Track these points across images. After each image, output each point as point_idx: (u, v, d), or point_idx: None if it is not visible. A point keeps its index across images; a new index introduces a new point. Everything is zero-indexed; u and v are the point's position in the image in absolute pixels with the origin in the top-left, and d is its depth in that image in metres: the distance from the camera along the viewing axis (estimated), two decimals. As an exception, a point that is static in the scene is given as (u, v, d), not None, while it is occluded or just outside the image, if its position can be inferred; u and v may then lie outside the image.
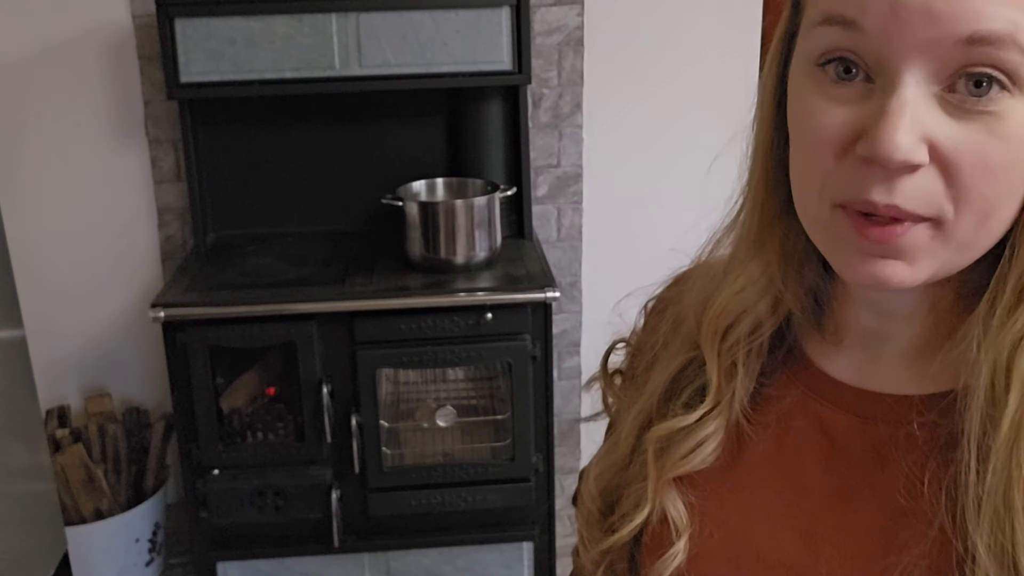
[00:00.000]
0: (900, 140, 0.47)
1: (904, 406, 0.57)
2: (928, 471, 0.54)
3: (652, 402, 0.67)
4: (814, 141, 0.52)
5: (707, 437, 0.63)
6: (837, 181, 0.51)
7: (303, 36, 1.94)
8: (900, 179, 0.48)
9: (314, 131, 2.22)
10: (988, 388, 0.51)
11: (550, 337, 1.94)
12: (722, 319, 0.63)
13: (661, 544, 0.64)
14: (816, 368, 0.63)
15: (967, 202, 0.48)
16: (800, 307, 0.62)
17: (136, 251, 2.29)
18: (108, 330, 2.33)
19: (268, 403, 2.06)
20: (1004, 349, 0.51)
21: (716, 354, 0.63)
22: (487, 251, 2.01)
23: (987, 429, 0.50)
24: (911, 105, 0.47)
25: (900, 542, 0.55)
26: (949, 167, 0.48)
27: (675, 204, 2.33)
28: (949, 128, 0.47)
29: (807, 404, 0.62)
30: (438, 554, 2.10)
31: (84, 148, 2.21)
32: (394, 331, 1.89)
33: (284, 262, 2.08)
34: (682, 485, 0.64)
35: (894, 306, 0.58)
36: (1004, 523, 0.49)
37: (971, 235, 0.50)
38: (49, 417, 2.23)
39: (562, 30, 2.24)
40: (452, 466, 2.02)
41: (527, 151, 2.19)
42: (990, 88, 0.46)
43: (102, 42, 2.15)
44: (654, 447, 0.65)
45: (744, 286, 0.62)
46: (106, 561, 2.17)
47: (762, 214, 0.61)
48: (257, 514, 1.97)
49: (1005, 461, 0.50)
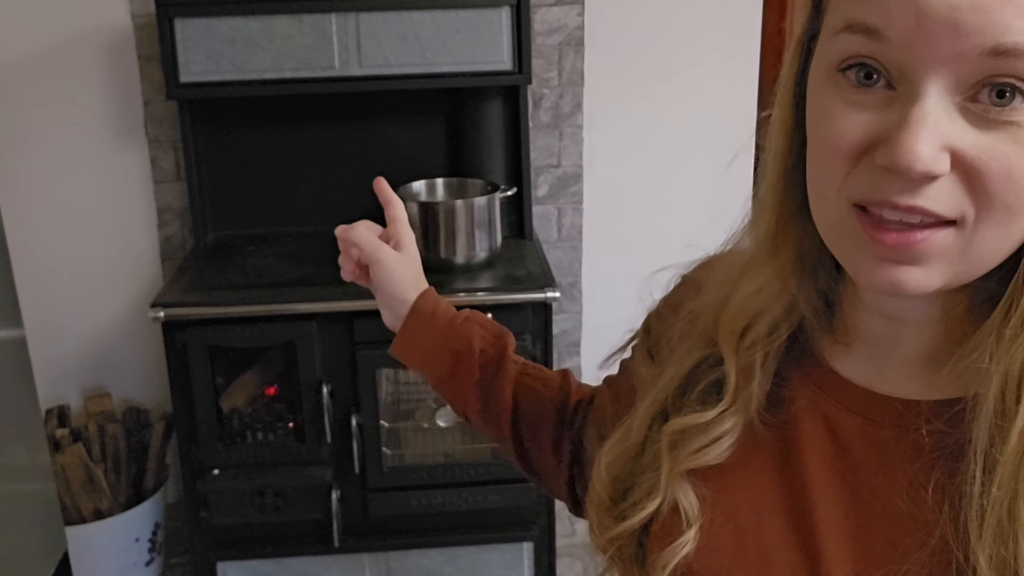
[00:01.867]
0: (921, 150, 0.47)
1: (912, 412, 0.57)
2: (932, 479, 0.54)
3: (667, 394, 0.67)
4: (833, 145, 0.51)
5: (724, 433, 0.64)
6: (855, 183, 0.51)
7: (303, 36, 1.94)
8: (921, 187, 0.48)
9: (314, 131, 2.22)
10: (998, 399, 0.50)
11: (550, 337, 1.94)
12: (739, 319, 0.64)
13: (671, 533, 0.64)
14: (827, 367, 0.63)
15: (990, 210, 0.48)
16: (812, 310, 0.62)
17: (136, 251, 2.29)
18: (108, 330, 2.33)
19: (268, 403, 2.06)
20: (1016, 361, 0.50)
21: (734, 353, 0.64)
22: (487, 251, 2.01)
23: (995, 440, 0.50)
24: (933, 115, 0.47)
25: (901, 547, 0.55)
26: (973, 175, 0.48)
27: (675, 204, 2.33)
28: (973, 137, 0.47)
29: (816, 403, 0.63)
30: (438, 554, 2.10)
31: (84, 148, 2.21)
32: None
33: (284, 262, 2.08)
34: (694, 477, 0.65)
35: (905, 312, 0.58)
36: (1008, 536, 0.49)
37: (990, 244, 0.50)
38: (49, 417, 2.23)
39: (562, 30, 2.24)
40: (452, 466, 2.01)
41: (527, 151, 2.19)
42: (1013, 98, 0.46)
43: (102, 42, 2.15)
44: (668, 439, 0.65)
45: (761, 287, 0.63)
46: (106, 561, 2.17)
47: (778, 216, 0.61)
48: (257, 514, 1.97)
49: (1012, 473, 0.49)
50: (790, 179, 0.59)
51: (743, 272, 0.64)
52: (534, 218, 2.26)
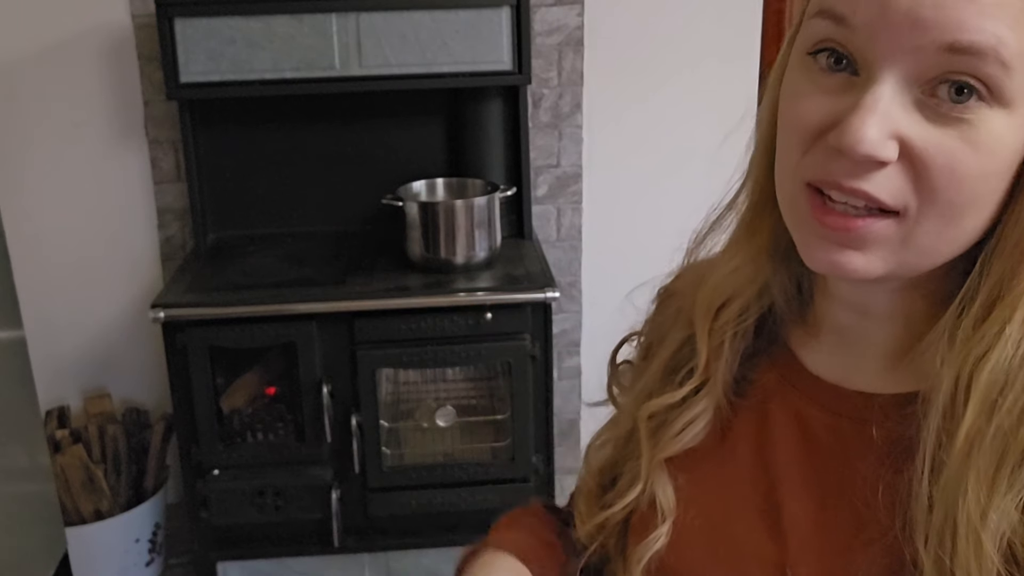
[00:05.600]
0: (867, 133, 0.48)
1: (869, 406, 0.58)
2: (883, 479, 0.55)
3: (653, 381, 0.68)
4: (794, 124, 0.53)
5: (697, 416, 0.65)
6: (810, 163, 0.52)
7: (303, 36, 1.94)
8: (867, 172, 0.49)
9: (314, 131, 2.22)
10: (947, 400, 0.51)
11: (550, 337, 1.94)
12: (715, 298, 0.65)
13: (647, 528, 0.65)
14: (795, 358, 0.64)
15: (932, 204, 0.49)
16: (784, 296, 0.64)
17: (136, 251, 2.29)
18: (108, 330, 2.33)
19: (268, 403, 2.06)
20: (967, 363, 0.51)
21: (707, 332, 0.65)
22: (487, 251, 2.01)
23: (942, 441, 0.51)
24: (884, 102, 0.48)
25: (863, 539, 0.55)
26: (918, 167, 0.49)
27: (675, 203, 2.33)
28: (923, 130, 0.48)
29: (785, 394, 0.63)
30: (438, 554, 2.10)
31: (84, 148, 2.21)
32: (394, 331, 1.89)
33: (284, 262, 2.08)
34: (672, 467, 0.65)
35: (868, 304, 0.59)
36: (946, 539, 0.49)
37: (932, 238, 0.51)
38: (49, 418, 2.23)
39: (562, 30, 2.24)
40: (452, 466, 2.01)
41: (527, 151, 2.19)
42: (970, 97, 0.47)
43: (102, 42, 2.15)
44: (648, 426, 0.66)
45: (737, 267, 0.64)
46: (106, 561, 2.17)
47: (758, 198, 0.62)
48: (257, 514, 1.97)
49: (956, 476, 0.50)
50: (771, 163, 0.59)
51: (723, 252, 0.66)
52: (534, 218, 2.27)
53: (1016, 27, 0.46)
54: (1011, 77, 0.46)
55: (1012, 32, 0.46)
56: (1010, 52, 0.46)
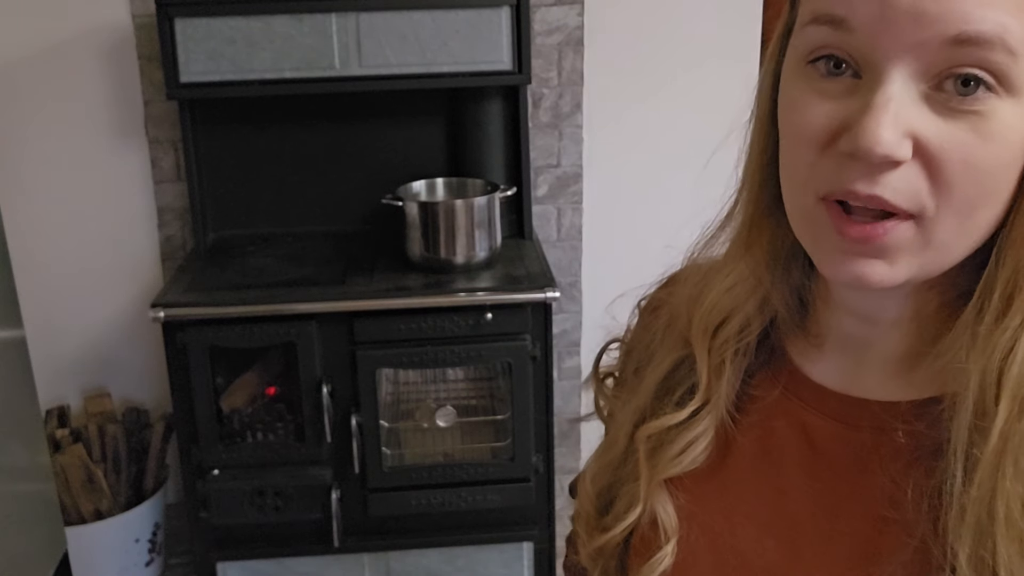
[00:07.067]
0: (882, 134, 0.47)
1: (890, 413, 0.57)
2: (912, 479, 0.54)
3: (646, 400, 0.67)
4: (800, 134, 0.52)
5: (697, 437, 0.63)
6: (821, 173, 0.51)
7: (303, 36, 1.94)
8: (883, 173, 0.48)
9: (314, 131, 2.22)
10: (977, 398, 0.50)
11: (550, 337, 1.94)
12: (713, 316, 0.63)
13: (649, 548, 0.64)
14: (798, 370, 0.63)
15: (949, 200, 0.48)
16: (785, 307, 0.62)
17: (136, 251, 2.29)
18: (108, 330, 2.33)
19: (268, 403, 2.06)
20: (994, 358, 0.50)
21: (706, 351, 0.63)
22: (487, 251, 2.01)
23: (975, 439, 0.50)
24: (895, 101, 0.47)
25: (881, 550, 0.54)
26: (933, 164, 0.48)
27: (675, 204, 2.33)
28: (935, 125, 0.47)
29: (789, 408, 0.62)
30: (438, 554, 2.10)
31: (84, 148, 2.21)
32: (394, 331, 1.89)
33: (284, 262, 2.07)
34: (672, 487, 0.64)
35: (877, 311, 0.58)
36: (986, 535, 0.49)
37: (952, 235, 0.50)
38: (49, 417, 2.23)
39: (562, 30, 2.24)
40: (452, 466, 2.01)
41: (527, 151, 2.19)
42: (977, 88, 0.46)
43: (102, 42, 2.15)
44: (646, 447, 0.65)
45: (735, 283, 0.62)
46: (106, 561, 2.17)
47: (754, 210, 0.61)
48: (257, 514, 1.97)
49: (992, 472, 0.49)
50: (767, 174, 0.59)
51: (719, 268, 0.64)
52: (534, 218, 2.26)
53: (1018, 14, 0.45)
54: (1018, 64, 0.46)
55: (1014, 19, 0.45)
56: (1015, 39, 0.45)
